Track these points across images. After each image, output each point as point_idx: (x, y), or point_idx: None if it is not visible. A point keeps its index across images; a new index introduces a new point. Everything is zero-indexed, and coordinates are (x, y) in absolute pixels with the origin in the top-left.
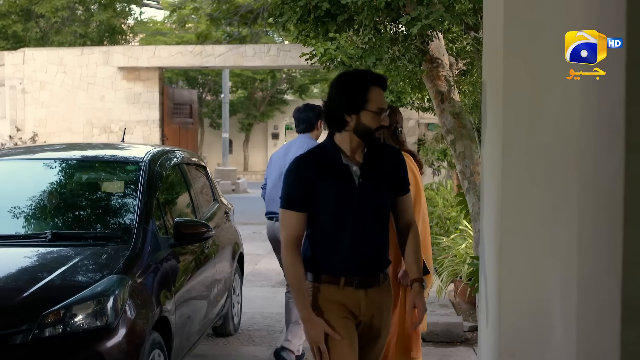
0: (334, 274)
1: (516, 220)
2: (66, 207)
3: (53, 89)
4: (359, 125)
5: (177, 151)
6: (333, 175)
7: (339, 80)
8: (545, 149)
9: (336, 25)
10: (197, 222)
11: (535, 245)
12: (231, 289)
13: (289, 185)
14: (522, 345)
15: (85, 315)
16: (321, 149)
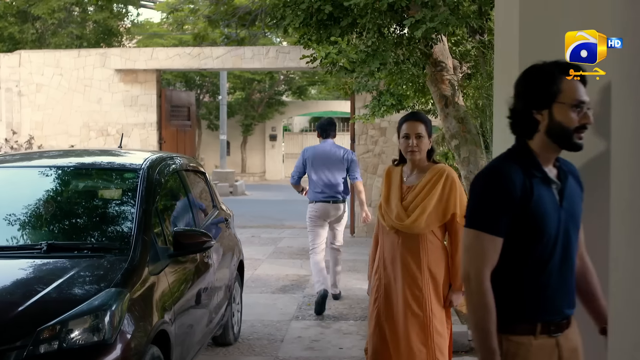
0: (530, 321)
1: None
2: (62, 216)
3: (49, 92)
4: (553, 123)
5: (175, 157)
6: (540, 192)
7: (524, 73)
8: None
9: (339, 28)
10: (196, 232)
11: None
12: (231, 297)
13: (486, 201)
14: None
15: (82, 330)
16: (516, 157)
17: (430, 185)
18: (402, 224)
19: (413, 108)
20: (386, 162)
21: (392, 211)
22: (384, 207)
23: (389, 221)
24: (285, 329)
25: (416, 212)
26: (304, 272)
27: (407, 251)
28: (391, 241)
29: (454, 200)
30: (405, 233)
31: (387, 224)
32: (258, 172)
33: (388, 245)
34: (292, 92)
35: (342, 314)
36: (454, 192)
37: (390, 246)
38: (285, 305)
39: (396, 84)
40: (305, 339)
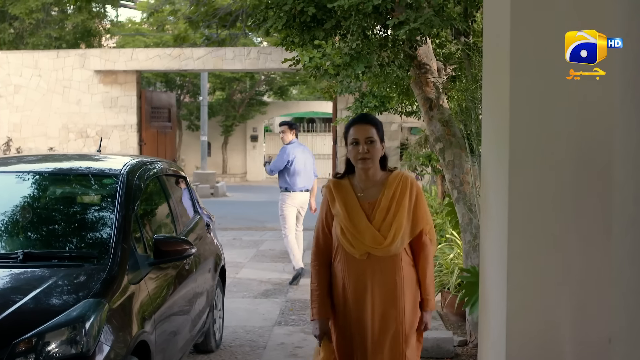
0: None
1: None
2: (39, 223)
3: (28, 93)
4: None
5: (156, 162)
6: None
7: None
8: (556, 159)
9: (323, 31)
10: (177, 239)
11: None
12: (213, 303)
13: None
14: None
15: (59, 343)
16: None
17: (398, 198)
18: (379, 247)
19: (396, 110)
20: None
21: (364, 235)
22: (351, 232)
23: (361, 247)
24: (267, 335)
25: (392, 231)
26: (286, 275)
27: (382, 276)
28: (361, 269)
29: (422, 212)
30: (379, 257)
31: (359, 250)
32: (239, 173)
33: (355, 275)
34: (273, 92)
35: None
36: (422, 203)
37: (359, 275)
38: (267, 311)
39: (380, 86)
40: (289, 345)
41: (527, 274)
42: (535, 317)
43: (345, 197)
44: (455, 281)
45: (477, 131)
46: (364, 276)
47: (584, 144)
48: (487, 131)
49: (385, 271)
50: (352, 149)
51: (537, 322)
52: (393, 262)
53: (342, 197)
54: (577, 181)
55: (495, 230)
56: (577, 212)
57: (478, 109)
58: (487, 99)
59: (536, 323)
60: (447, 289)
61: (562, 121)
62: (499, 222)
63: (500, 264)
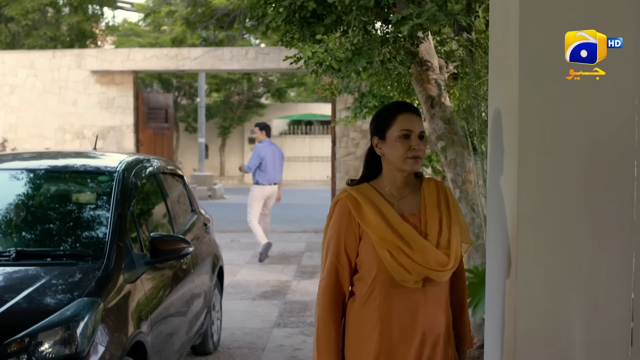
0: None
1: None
2: (33, 222)
3: (23, 93)
4: None
5: (152, 160)
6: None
7: None
8: (567, 155)
9: (323, 26)
10: (174, 237)
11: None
12: (210, 305)
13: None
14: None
15: (53, 343)
16: None
17: (443, 209)
18: (444, 270)
19: None
20: None
21: (425, 255)
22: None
23: (421, 272)
24: (266, 337)
25: (452, 249)
26: (285, 277)
27: (434, 309)
28: (413, 302)
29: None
30: (432, 284)
31: (417, 276)
32: (237, 175)
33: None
34: (271, 94)
35: None
36: (461, 214)
37: (412, 310)
38: (266, 312)
39: (381, 85)
40: (288, 347)
41: (537, 273)
42: (547, 318)
43: (381, 209)
44: None
45: (480, 129)
46: (416, 312)
47: (595, 140)
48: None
49: (437, 302)
50: (400, 144)
51: (548, 322)
52: (443, 289)
53: (376, 210)
54: (588, 177)
55: (503, 228)
56: (588, 208)
57: (481, 106)
58: (494, 95)
59: (547, 323)
60: None
61: (571, 117)
62: (507, 219)
63: (508, 263)
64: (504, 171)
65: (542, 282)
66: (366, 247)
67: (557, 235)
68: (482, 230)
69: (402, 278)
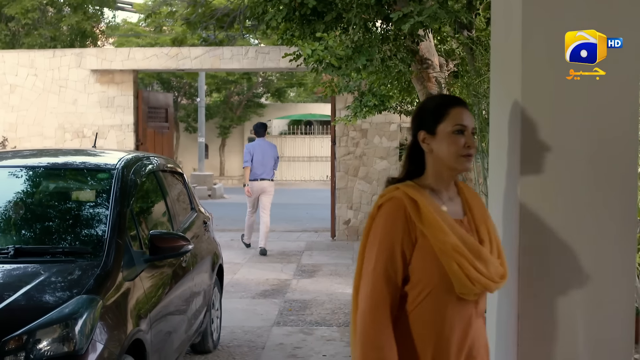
0: None
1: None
2: (31, 219)
3: (24, 93)
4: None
5: (152, 157)
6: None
7: None
8: (570, 153)
9: (323, 24)
10: (174, 235)
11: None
12: (210, 303)
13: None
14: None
15: (51, 340)
16: None
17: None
18: (503, 281)
19: (396, 109)
20: (367, 164)
21: (491, 267)
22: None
23: (483, 284)
24: (266, 336)
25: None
26: (284, 276)
27: (481, 322)
28: (466, 317)
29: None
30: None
31: (479, 287)
32: (237, 175)
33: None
34: (270, 94)
35: (325, 320)
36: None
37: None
38: (266, 311)
39: (381, 83)
40: (287, 345)
41: (539, 270)
42: (549, 316)
43: (439, 213)
44: None
45: (481, 127)
46: (468, 326)
47: (599, 139)
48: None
49: (483, 314)
50: (453, 140)
51: (550, 320)
52: (486, 303)
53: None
54: (591, 175)
55: (504, 226)
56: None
57: (482, 104)
58: (496, 94)
59: (549, 322)
60: None
61: (574, 116)
62: (509, 217)
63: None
64: (506, 169)
65: (546, 280)
66: (423, 254)
67: (560, 233)
68: None
69: (464, 290)
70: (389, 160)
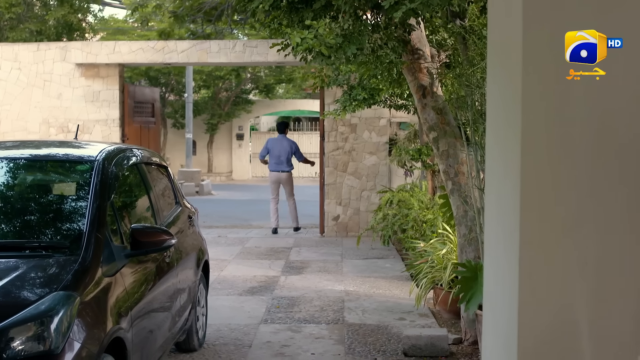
0: None
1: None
2: (7, 212)
3: (7, 87)
4: None
5: (135, 150)
6: None
7: None
8: (571, 145)
9: (312, 12)
10: (156, 229)
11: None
12: (195, 300)
13: None
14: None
15: (25, 339)
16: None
17: None
18: None
19: (386, 103)
20: (356, 159)
21: None
22: None
23: None
24: (253, 334)
25: None
26: (272, 273)
27: None
28: None
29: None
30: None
31: None
32: (225, 171)
33: None
34: (259, 90)
35: (314, 317)
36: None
37: None
38: (253, 308)
39: (371, 75)
40: (275, 344)
41: (542, 266)
42: (550, 312)
43: None
44: (448, 277)
45: (474, 119)
46: None
47: (601, 129)
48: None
49: None
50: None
51: (551, 317)
52: None
53: None
54: (594, 166)
55: (503, 219)
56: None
57: (474, 95)
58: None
59: (551, 318)
60: (440, 285)
61: (577, 108)
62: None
63: (509, 256)
64: (504, 161)
65: (547, 275)
66: None
67: (563, 226)
68: (474, 223)
69: None
70: (379, 155)
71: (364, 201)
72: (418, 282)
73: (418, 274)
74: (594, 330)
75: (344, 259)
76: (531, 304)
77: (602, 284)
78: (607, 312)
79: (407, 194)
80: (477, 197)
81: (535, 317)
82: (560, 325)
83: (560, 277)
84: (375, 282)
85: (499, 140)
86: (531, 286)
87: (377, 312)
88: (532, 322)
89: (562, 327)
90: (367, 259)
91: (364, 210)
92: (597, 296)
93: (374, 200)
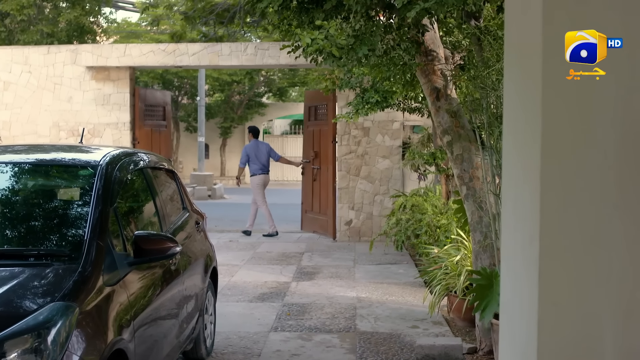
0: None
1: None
2: (5, 219)
3: (18, 90)
4: None
5: (141, 154)
6: None
7: None
8: (596, 147)
9: (323, 12)
10: (160, 236)
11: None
12: (203, 308)
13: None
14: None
15: (21, 352)
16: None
17: None
18: None
19: (399, 106)
20: (369, 163)
21: None
22: None
23: None
24: (263, 342)
25: None
26: (283, 278)
27: None
28: None
29: None
30: None
31: None
32: None
33: None
34: (272, 94)
35: (325, 325)
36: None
37: None
38: (263, 315)
39: (383, 77)
40: (285, 352)
41: (563, 276)
42: (572, 326)
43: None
44: (463, 284)
45: (489, 122)
46: None
47: (628, 132)
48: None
49: None
50: None
51: (575, 331)
52: None
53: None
54: (620, 171)
55: (522, 226)
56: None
57: (490, 97)
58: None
59: (574, 333)
60: (454, 292)
61: (602, 108)
62: (526, 216)
63: (528, 264)
64: (523, 166)
65: (569, 287)
66: None
67: (586, 234)
68: (490, 229)
69: None
70: (392, 159)
71: (376, 206)
72: (432, 289)
73: (432, 281)
74: (618, 346)
75: (357, 264)
76: (552, 317)
77: (628, 297)
78: (635, 327)
79: (420, 198)
80: (493, 203)
81: (556, 330)
82: (582, 340)
83: (584, 289)
84: (388, 289)
85: (517, 143)
86: (552, 298)
87: (390, 319)
88: (552, 336)
89: (585, 342)
90: (380, 264)
91: (377, 214)
92: (623, 310)
93: (387, 204)
